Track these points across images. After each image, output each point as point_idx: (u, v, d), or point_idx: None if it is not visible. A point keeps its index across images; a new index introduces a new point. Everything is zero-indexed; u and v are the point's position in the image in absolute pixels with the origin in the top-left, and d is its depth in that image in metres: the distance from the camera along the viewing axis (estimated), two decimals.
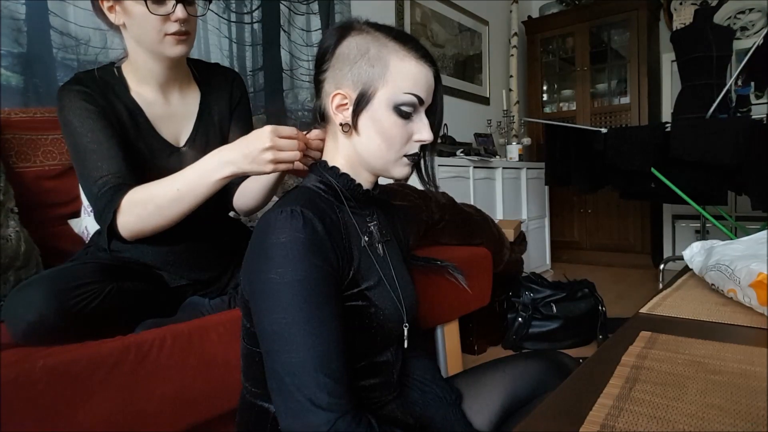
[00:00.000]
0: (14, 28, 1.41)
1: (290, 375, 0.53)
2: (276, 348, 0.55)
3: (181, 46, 0.92)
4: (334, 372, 0.53)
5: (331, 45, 0.65)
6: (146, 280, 0.98)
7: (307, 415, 0.52)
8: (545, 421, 0.42)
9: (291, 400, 0.53)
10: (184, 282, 1.05)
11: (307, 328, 0.54)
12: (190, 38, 0.94)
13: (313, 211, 0.58)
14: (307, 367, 0.53)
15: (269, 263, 0.56)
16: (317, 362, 0.53)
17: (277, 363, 0.54)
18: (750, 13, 3.33)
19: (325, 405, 0.52)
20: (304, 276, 0.55)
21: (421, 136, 0.64)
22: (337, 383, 0.53)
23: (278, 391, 0.54)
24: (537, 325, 1.95)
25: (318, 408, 0.51)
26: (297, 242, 0.55)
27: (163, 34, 0.89)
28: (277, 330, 0.54)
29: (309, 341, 0.53)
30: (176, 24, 0.89)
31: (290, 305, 0.54)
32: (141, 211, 0.82)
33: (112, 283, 0.86)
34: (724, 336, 0.60)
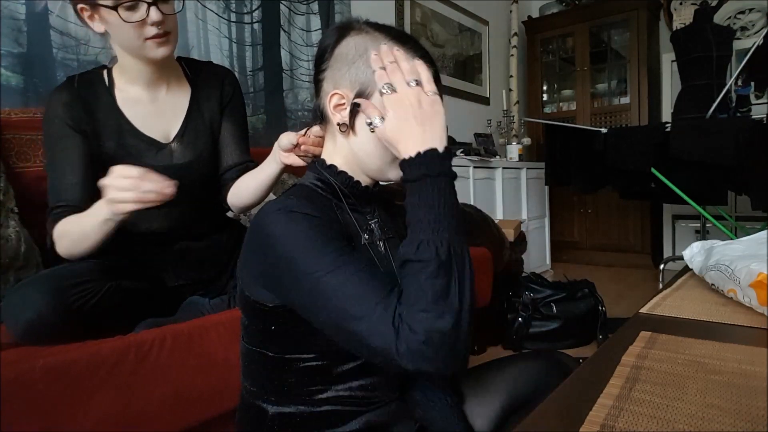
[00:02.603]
0: (14, 28, 1.41)
1: (347, 319, 0.51)
2: (321, 304, 0.53)
3: (163, 48, 0.93)
4: (375, 286, 0.52)
5: (330, 45, 0.65)
6: (145, 279, 0.98)
7: (376, 335, 0.50)
8: (545, 421, 0.42)
9: (360, 337, 0.51)
10: (183, 281, 1.05)
11: (336, 269, 0.52)
12: (171, 38, 0.94)
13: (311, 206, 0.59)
14: (352, 298, 0.51)
15: (274, 242, 0.55)
16: (360, 289, 0.52)
17: (333, 317, 0.52)
18: (750, 13, 3.33)
19: (385, 316, 0.50)
20: (308, 232, 0.55)
21: None
22: (379, 290, 0.52)
23: (350, 342, 0.52)
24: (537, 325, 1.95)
25: (380, 322, 0.50)
26: (295, 216, 0.56)
27: (143, 38, 0.90)
28: (313, 290, 0.53)
29: (342, 278, 0.52)
30: (153, 27, 0.89)
31: (310, 262, 0.53)
32: (63, 242, 0.88)
33: (110, 281, 0.86)
34: (724, 336, 0.60)
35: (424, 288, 0.50)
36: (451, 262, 0.51)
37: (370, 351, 0.51)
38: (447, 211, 0.54)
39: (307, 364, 0.61)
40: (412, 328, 0.49)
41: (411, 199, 0.55)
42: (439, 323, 0.49)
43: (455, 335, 0.49)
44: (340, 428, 0.62)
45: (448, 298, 0.50)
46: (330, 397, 0.62)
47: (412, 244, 0.53)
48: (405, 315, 0.50)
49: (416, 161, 0.55)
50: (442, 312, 0.49)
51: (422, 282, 0.50)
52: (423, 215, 0.53)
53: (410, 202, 0.55)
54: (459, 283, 0.51)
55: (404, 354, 0.49)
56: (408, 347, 0.49)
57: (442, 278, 0.51)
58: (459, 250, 0.52)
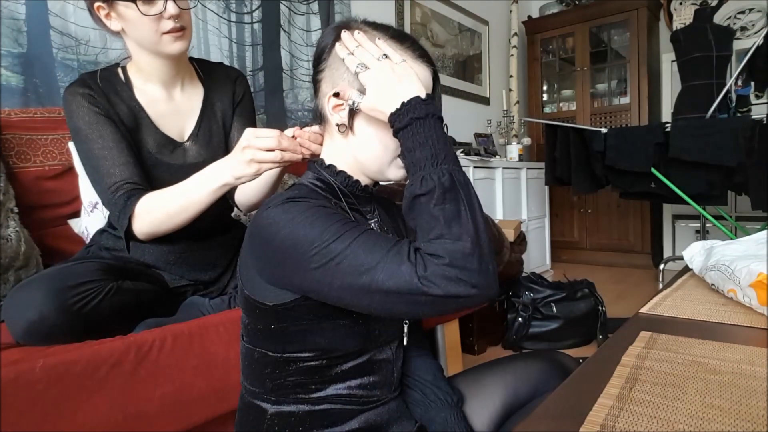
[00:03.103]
0: (14, 28, 1.41)
1: (361, 274, 0.50)
2: (332, 272, 0.51)
3: (179, 43, 0.94)
4: (383, 240, 0.52)
5: (329, 44, 0.65)
6: (147, 279, 0.98)
7: (395, 277, 0.49)
8: (545, 422, 0.42)
9: (379, 286, 0.50)
10: (185, 282, 1.05)
11: (341, 235, 0.52)
12: (186, 33, 0.95)
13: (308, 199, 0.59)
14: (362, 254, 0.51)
15: (275, 228, 0.55)
16: (369, 244, 0.51)
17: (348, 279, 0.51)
18: (750, 13, 3.33)
19: (399, 257, 0.50)
20: (308, 211, 0.55)
21: None
22: (388, 241, 0.52)
23: (371, 298, 0.51)
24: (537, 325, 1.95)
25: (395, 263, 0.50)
26: (294, 202, 0.56)
27: (160, 33, 0.91)
28: (321, 261, 0.52)
29: (348, 240, 0.52)
30: (170, 21, 0.90)
31: (314, 235, 0.53)
32: (153, 218, 0.87)
33: (112, 282, 0.86)
34: (724, 336, 0.60)
35: (435, 215, 0.51)
36: (456, 187, 0.53)
37: (394, 297, 0.50)
38: (442, 147, 0.55)
39: (307, 364, 0.61)
40: (433, 254, 0.49)
41: (405, 145, 0.56)
42: (458, 244, 0.49)
43: (478, 253, 0.50)
44: (339, 427, 0.62)
45: (461, 220, 0.51)
46: (329, 396, 0.62)
47: (415, 181, 0.54)
48: (424, 247, 0.51)
49: (402, 110, 0.56)
50: (459, 234, 0.50)
51: (432, 210, 0.51)
52: (419, 154, 0.55)
53: (405, 148, 0.56)
54: (468, 206, 0.52)
55: (431, 281, 0.48)
56: (433, 273, 0.48)
57: (451, 203, 0.52)
58: (462, 179, 0.54)
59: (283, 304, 0.58)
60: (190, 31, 0.97)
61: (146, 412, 0.78)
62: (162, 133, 1.01)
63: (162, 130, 1.01)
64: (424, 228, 0.52)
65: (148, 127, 0.99)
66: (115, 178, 0.89)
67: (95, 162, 0.91)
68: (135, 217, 0.87)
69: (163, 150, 1.00)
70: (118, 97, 0.97)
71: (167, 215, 0.86)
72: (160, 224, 0.87)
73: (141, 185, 0.90)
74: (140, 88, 1.00)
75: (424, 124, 0.55)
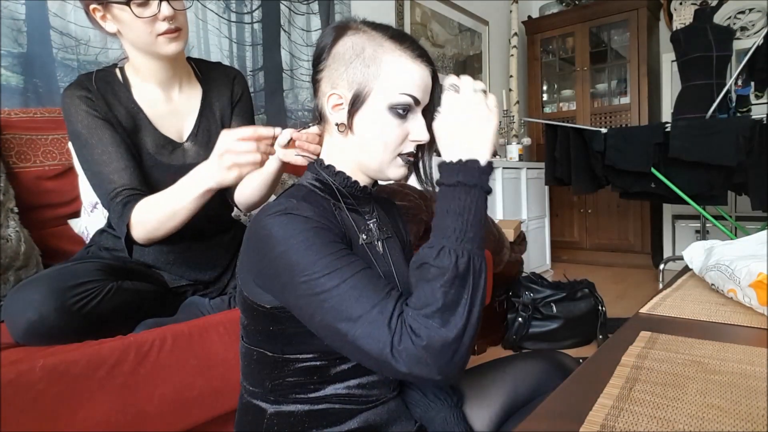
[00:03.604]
0: (14, 28, 1.41)
1: (342, 321, 0.51)
2: (316, 306, 0.52)
3: (174, 44, 0.94)
4: (372, 290, 0.52)
5: (328, 44, 0.65)
6: (146, 279, 0.98)
7: (370, 338, 0.50)
8: (545, 422, 0.42)
9: (354, 340, 0.50)
10: (185, 282, 1.05)
11: (332, 271, 0.52)
12: (182, 34, 0.95)
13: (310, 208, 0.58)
14: (348, 300, 0.51)
15: (270, 242, 0.55)
16: (356, 292, 0.51)
17: (328, 318, 0.51)
18: (750, 13, 3.33)
19: (381, 320, 0.50)
20: (306, 234, 0.54)
21: (416, 136, 0.64)
22: (376, 294, 0.52)
23: (344, 344, 0.52)
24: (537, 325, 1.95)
25: (375, 325, 0.50)
26: (293, 218, 0.56)
27: (155, 35, 0.91)
28: (308, 291, 0.52)
29: (338, 280, 0.52)
30: (165, 23, 0.90)
31: (306, 264, 0.53)
32: (146, 225, 0.87)
33: (112, 282, 0.86)
34: (724, 336, 0.60)
35: (437, 295, 0.50)
36: (468, 274, 0.51)
37: (364, 354, 0.51)
38: (474, 224, 0.54)
39: (306, 364, 0.61)
40: (415, 331, 0.49)
41: (441, 204, 0.55)
42: (443, 331, 0.49)
43: (456, 346, 0.49)
44: (338, 427, 0.62)
45: (457, 309, 0.50)
46: (328, 395, 0.62)
47: (433, 248, 0.53)
48: (410, 317, 0.50)
49: (456, 167, 0.55)
50: (448, 320, 0.50)
51: (436, 289, 0.50)
52: (450, 222, 0.53)
53: (440, 207, 0.55)
54: (471, 297, 0.51)
55: (401, 356, 0.49)
56: (406, 349, 0.49)
57: (457, 288, 0.51)
58: (478, 266, 0.52)
59: (281, 307, 0.58)
60: (186, 31, 0.97)
61: (146, 412, 0.78)
62: (161, 133, 1.01)
63: (161, 131, 1.01)
64: (421, 298, 0.51)
65: (146, 128, 0.99)
66: (114, 185, 0.89)
67: (95, 167, 0.91)
68: (132, 225, 0.87)
69: (162, 151, 1.00)
70: (116, 99, 0.97)
71: (158, 222, 0.86)
72: (154, 231, 0.87)
73: (139, 190, 0.90)
74: (138, 89, 0.99)
75: (468, 193, 0.54)
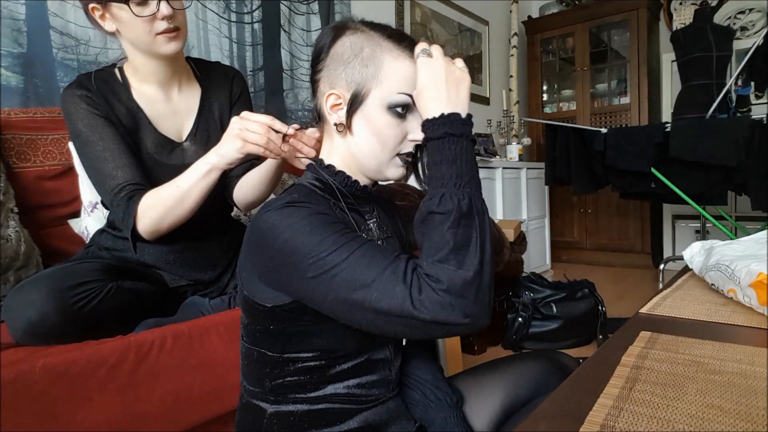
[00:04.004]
0: (14, 28, 1.41)
1: (356, 290, 0.50)
2: (327, 284, 0.51)
3: (173, 43, 0.94)
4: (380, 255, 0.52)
5: (326, 44, 0.65)
6: (146, 279, 0.98)
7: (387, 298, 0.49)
8: (545, 422, 0.42)
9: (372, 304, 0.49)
10: (185, 282, 1.05)
11: (339, 247, 0.52)
12: (180, 33, 0.95)
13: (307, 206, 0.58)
14: (358, 268, 0.51)
15: (274, 233, 0.55)
16: (365, 260, 0.51)
17: (342, 293, 0.51)
18: (750, 13, 3.33)
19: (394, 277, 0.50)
20: (308, 218, 0.54)
21: (415, 136, 0.64)
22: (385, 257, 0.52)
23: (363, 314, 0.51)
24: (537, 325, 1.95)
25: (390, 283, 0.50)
26: (293, 207, 0.56)
27: (154, 34, 0.91)
28: (318, 271, 0.52)
29: (345, 254, 0.52)
30: (164, 22, 0.90)
31: (312, 245, 0.52)
32: (153, 214, 0.87)
33: (112, 282, 0.86)
34: (724, 336, 0.60)
35: (446, 238, 0.51)
36: (473, 214, 0.52)
37: (385, 317, 0.49)
38: (468, 170, 0.55)
39: (306, 364, 0.61)
40: (432, 277, 0.49)
41: (432, 157, 0.56)
42: (461, 272, 0.49)
43: (478, 284, 0.49)
44: (337, 426, 0.62)
45: (469, 248, 0.50)
46: (327, 395, 0.62)
47: (434, 197, 0.54)
48: (425, 267, 0.50)
49: (440, 121, 0.56)
50: (464, 262, 0.50)
51: (444, 232, 0.51)
52: (445, 170, 0.54)
53: (432, 160, 0.56)
54: (480, 236, 0.52)
55: (423, 305, 0.48)
56: (427, 297, 0.48)
57: (465, 228, 0.51)
58: (480, 206, 0.53)
59: (282, 306, 0.58)
60: (185, 31, 0.97)
61: (146, 412, 0.78)
62: (160, 133, 1.01)
63: (160, 131, 1.01)
64: (432, 247, 0.51)
65: (146, 127, 0.99)
66: (117, 180, 0.90)
67: (97, 165, 0.91)
68: (138, 217, 0.87)
69: (161, 150, 1.00)
70: (115, 98, 0.97)
71: (166, 209, 0.87)
72: (161, 220, 0.87)
73: (143, 185, 0.91)
74: (137, 89, 1.00)
75: (457, 142, 0.55)
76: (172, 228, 0.90)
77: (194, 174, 0.85)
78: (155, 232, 0.89)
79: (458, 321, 0.48)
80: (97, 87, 0.95)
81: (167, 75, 1.01)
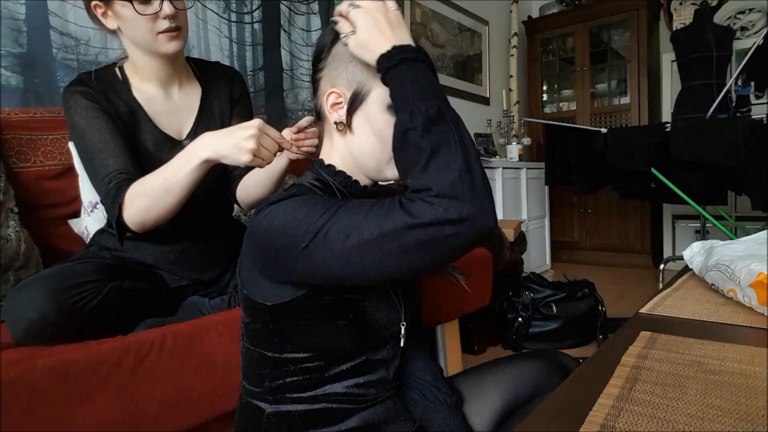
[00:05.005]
0: (14, 28, 1.41)
1: (348, 236, 0.49)
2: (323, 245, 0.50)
3: (174, 42, 0.94)
4: (374, 207, 0.51)
5: (327, 44, 0.65)
6: (146, 279, 0.98)
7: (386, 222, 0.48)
8: (545, 421, 0.42)
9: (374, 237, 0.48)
10: (185, 282, 1.05)
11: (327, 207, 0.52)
12: (182, 33, 0.95)
13: None
14: (349, 215, 0.50)
15: (268, 221, 0.55)
16: (352, 210, 0.51)
17: (337, 245, 0.50)
18: (750, 13, 3.33)
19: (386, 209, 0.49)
20: (301, 202, 0.54)
21: None
22: (371, 202, 0.51)
23: (364, 254, 0.49)
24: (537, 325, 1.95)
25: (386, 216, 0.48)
26: (289, 200, 0.56)
27: (155, 32, 0.91)
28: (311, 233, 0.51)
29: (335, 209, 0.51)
30: (166, 21, 0.91)
31: (301, 216, 0.52)
32: (140, 204, 0.85)
33: (112, 282, 0.86)
34: (724, 336, 0.60)
35: (422, 146, 0.50)
36: (444, 117, 0.51)
37: (384, 246, 0.48)
38: (431, 88, 0.54)
39: (305, 365, 0.61)
40: (421, 189, 0.48)
41: (393, 84, 0.55)
42: (446, 174, 0.48)
43: (469, 181, 0.48)
44: (336, 426, 0.62)
45: (450, 148, 0.49)
46: (326, 395, 0.62)
47: (402, 118, 0.53)
48: (410, 183, 0.49)
49: (393, 52, 0.56)
50: (447, 163, 0.48)
51: (419, 142, 0.50)
52: (408, 90, 0.53)
53: (393, 87, 0.55)
54: (457, 134, 0.51)
55: (421, 210, 0.46)
56: (420, 207, 0.47)
57: (439, 130, 0.50)
58: (452, 114, 0.53)
59: (282, 304, 0.58)
60: (186, 31, 0.97)
61: (146, 412, 0.78)
62: (160, 130, 1.01)
63: (160, 128, 1.01)
64: (411, 162, 0.50)
65: (146, 125, 0.99)
66: (108, 169, 0.89)
67: (91, 155, 0.91)
68: (125, 205, 0.85)
69: (161, 149, 1.00)
70: (115, 95, 0.97)
71: (152, 199, 0.84)
72: (147, 210, 0.85)
73: (135, 176, 0.89)
74: (138, 87, 1.00)
75: (414, 65, 0.55)
76: (160, 221, 0.87)
77: (183, 167, 0.82)
78: (142, 223, 0.87)
79: (459, 216, 0.46)
80: (97, 84, 0.95)
81: (167, 74, 1.01)
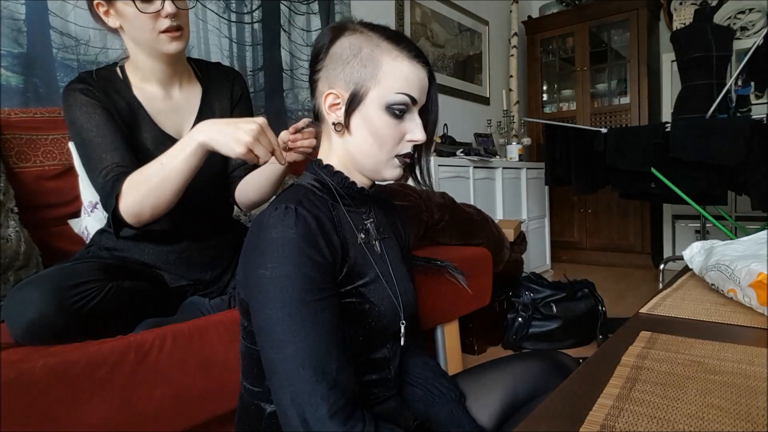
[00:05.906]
0: (14, 28, 1.41)
1: (273, 372, 0.54)
2: (263, 344, 0.56)
3: (176, 42, 0.94)
4: (319, 367, 0.53)
5: (325, 45, 0.65)
6: (147, 279, 0.98)
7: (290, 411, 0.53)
8: (545, 421, 0.42)
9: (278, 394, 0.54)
10: (185, 282, 1.05)
11: (291, 326, 0.54)
12: (183, 33, 0.95)
13: (307, 208, 0.59)
14: (288, 364, 0.53)
15: (261, 258, 0.56)
16: (300, 359, 0.53)
17: (265, 359, 0.56)
18: (750, 13, 3.33)
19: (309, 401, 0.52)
20: (292, 271, 0.55)
21: (413, 136, 0.64)
22: (321, 379, 0.53)
23: (271, 385, 0.56)
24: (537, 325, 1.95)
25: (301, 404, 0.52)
26: (288, 238, 0.56)
27: (157, 32, 0.91)
28: (264, 326, 0.55)
29: (291, 338, 0.53)
30: (167, 20, 0.91)
31: (275, 301, 0.54)
32: (136, 194, 0.85)
33: (112, 281, 0.86)
34: (724, 336, 0.60)
35: None
36: None
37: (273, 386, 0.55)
38: None
39: None
40: None
41: None
42: None
43: None
44: None
45: None
46: None
47: None
48: None
49: None
50: None
51: None
52: None
53: None
54: None
55: None
56: None
57: None
58: None
59: None
60: (188, 31, 0.97)
61: (146, 412, 0.78)
62: (160, 129, 1.01)
63: (160, 127, 1.01)
64: None
65: (146, 123, 0.99)
66: (105, 163, 0.89)
67: (89, 150, 0.90)
68: (121, 196, 0.85)
69: (161, 148, 1.00)
70: (116, 94, 0.97)
71: (148, 189, 0.83)
72: (143, 200, 0.84)
73: (132, 170, 0.88)
74: (138, 86, 1.00)
75: None
76: (156, 214, 0.86)
77: (180, 153, 0.81)
78: (137, 215, 0.85)
79: None
80: (98, 82, 0.95)
81: (168, 74, 1.01)
